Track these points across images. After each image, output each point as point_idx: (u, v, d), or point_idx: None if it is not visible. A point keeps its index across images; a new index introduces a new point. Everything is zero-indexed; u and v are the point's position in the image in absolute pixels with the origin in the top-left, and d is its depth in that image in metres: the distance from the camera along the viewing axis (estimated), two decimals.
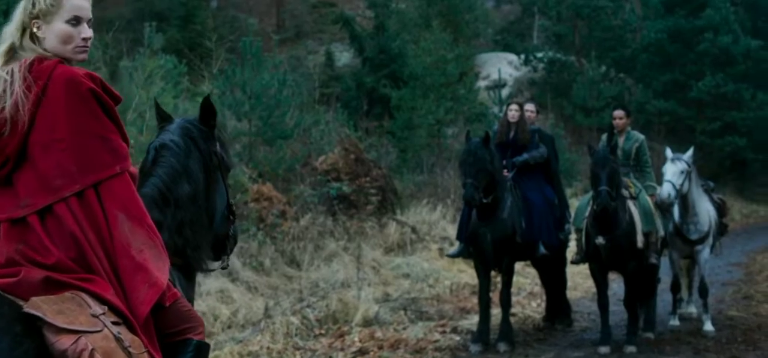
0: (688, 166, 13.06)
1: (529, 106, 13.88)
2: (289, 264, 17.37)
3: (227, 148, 5.27)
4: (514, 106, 13.34)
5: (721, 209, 14.54)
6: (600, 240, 11.83)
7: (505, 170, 12.73)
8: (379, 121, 30.11)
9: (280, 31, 43.59)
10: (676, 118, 40.86)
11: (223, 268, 5.35)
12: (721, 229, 14.56)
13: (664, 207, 12.74)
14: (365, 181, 20.32)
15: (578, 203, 13.68)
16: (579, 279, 17.54)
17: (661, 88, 41.21)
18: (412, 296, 16.30)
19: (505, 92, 37.75)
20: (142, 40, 25.99)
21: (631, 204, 12.11)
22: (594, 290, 13.58)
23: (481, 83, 39.82)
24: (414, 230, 20.71)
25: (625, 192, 12.09)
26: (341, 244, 18.58)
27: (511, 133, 13.12)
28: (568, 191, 24.48)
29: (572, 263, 13.12)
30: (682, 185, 12.87)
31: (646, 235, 12.10)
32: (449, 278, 17.63)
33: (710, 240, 13.67)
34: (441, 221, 21.81)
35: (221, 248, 5.25)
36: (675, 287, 13.94)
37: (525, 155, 12.93)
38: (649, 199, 12.53)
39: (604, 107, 38.82)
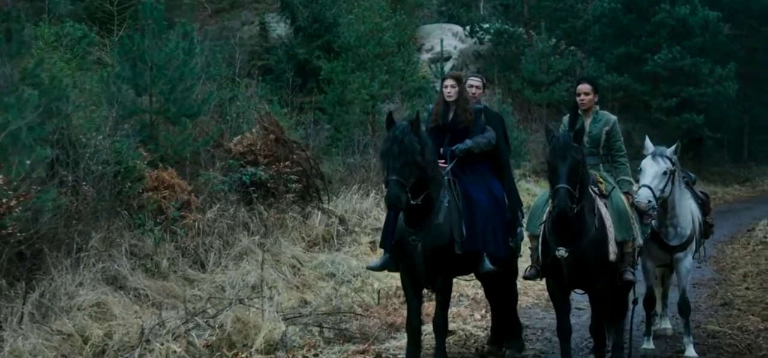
0: (673, 165, 10.57)
1: (474, 80, 11.02)
2: (191, 265, 14.99)
3: None
4: (449, 82, 10.56)
5: (704, 206, 11.98)
6: (561, 252, 9.20)
7: (443, 161, 10.08)
8: (311, 97, 27.53)
9: (215, 1, 41.26)
10: (630, 93, 39.29)
11: None
12: (705, 230, 11.99)
13: (640, 211, 10.22)
14: (285, 165, 17.65)
15: (534, 202, 10.88)
16: (530, 281, 14.92)
17: (615, 62, 39.71)
18: (334, 303, 13.92)
19: (448, 66, 35.76)
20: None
21: (600, 205, 9.46)
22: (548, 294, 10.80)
23: (425, 56, 38.21)
24: (342, 220, 18.33)
25: (593, 190, 9.44)
26: (255, 239, 16.07)
27: (450, 115, 10.44)
28: (516, 173, 22.13)
29: (525, 278, 10.35)
30: (664, 189, 10.36)
31: (620, 244, 9.49)
32: (379, 280, 15.08)
33: (693, 245, 11.16)
34: (374, 210, 19.36)
35: None
36: (649, 303, 11.40)
37: (467, 142, 10.22)
38: (623, 198, 9.91)
39: (554, 82, 37.71)
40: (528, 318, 13.27)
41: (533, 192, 28.26)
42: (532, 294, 14.84)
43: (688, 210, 11.07)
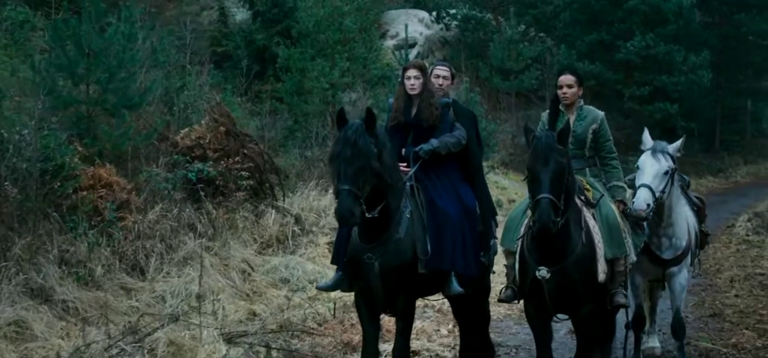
0: (675, 163, 9.23)
1: (441, 69, 9.50)
2: (129, 272, 13.47)
3: None
4: (412, 72, 9.06)
5: (699, 213, 10.64)
6: (542, 272, 7.83)
7: (404, 165, 8.70)
8: (270, 86, 26.13)
9: None
10: (602, 82, 38.04)
11: None
12: (701, 240, 10.65)
13: (636, 219, 8.88)
14: (234, 161, 16.24)
15: (509, 213, 9.40)
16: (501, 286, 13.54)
17: (586, 49, 38.36)
18: (285, 316, 12.60)
19: (413, 53, 34.74)
20: None
21: (588, 216, 8.10)
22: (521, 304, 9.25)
23: (389, 43, 37.18)
24: (298, 220, 16.89)
25: (579, 198, 8.08)
26: (202, 242, 14.59)
27: (413, 110, 9.00)
28: (484, 165, 20.84)
29: (500, 301, 8.96)
30: (664, 190, 9.03)
31: (610, 262, 8.14)
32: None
33: (688, 259, 9.84)
34: (333, 208, 17.79)
35: None
36: (638, 323, 10.07)
37: (433, 142, 8.77)
38: (614, 207, 8.54)
39: (523, 69, 36.69)
40: (499, 333, 12.01)
41: (502, 185, 27.15)
42: (503, 304, 13.47)
43: (683, 219, 9.75)
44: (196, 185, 15.76)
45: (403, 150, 8.84)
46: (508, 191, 26.77)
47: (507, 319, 13.03)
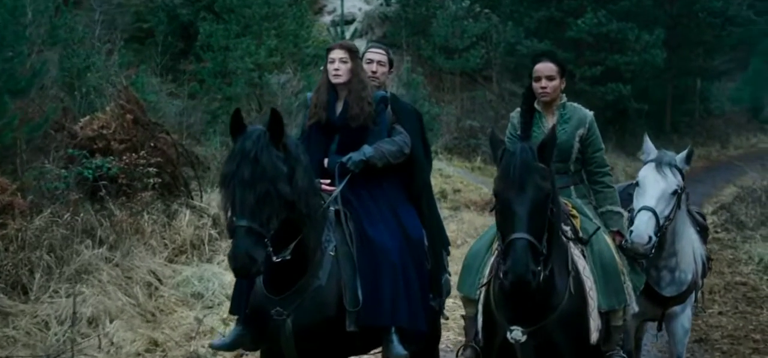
0: (683, 178, 7.12)
1: (375, 53, 7.39)
2: (9, 291, 11.32)
3: None
4: (337, 53, 6.89)
5: (703, 233, 8.55)
6: (515, 334, 5.70)
7: (327, 182, 6.55)
8: (193, 66, 24.09)
9: None
10: None
11: None
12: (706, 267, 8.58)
13: (635, 255, 6.79)
14: (139, 156, 14.10)
15: (470, 247, 7.12)
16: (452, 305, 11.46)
17: (535, 27, 37.38)
18: (192, 347, 10.54)
19: (349, 32, 33.00)
20: None
21: (576, 256, 5.96)
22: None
23: (326, 19, 35.91)
24: (216, 221, 14.74)
25: (564, 232, 5.95)
26: (101, 251, 12.43)
27: (338, 106, 6.85)
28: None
29: None
30: (669, 215, 6.94)
31: (605, 316, 6.03)
32: None
33: (693, 296, 7.78)
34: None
35: None
36: None
37: (366, 150, 6.65)
38: (609, 241, 6.42)
39: (468, 48, 35.09)
40: None
41: (446, 172, 25.27)
42: (456, 328, 11.45)
43: (690, 245, 7.62)
44: (97, 183, 13.66)
45: (326, 160, 6.72)
46: (452, 179, 24.85)
47: (458, 344, 10.97)
